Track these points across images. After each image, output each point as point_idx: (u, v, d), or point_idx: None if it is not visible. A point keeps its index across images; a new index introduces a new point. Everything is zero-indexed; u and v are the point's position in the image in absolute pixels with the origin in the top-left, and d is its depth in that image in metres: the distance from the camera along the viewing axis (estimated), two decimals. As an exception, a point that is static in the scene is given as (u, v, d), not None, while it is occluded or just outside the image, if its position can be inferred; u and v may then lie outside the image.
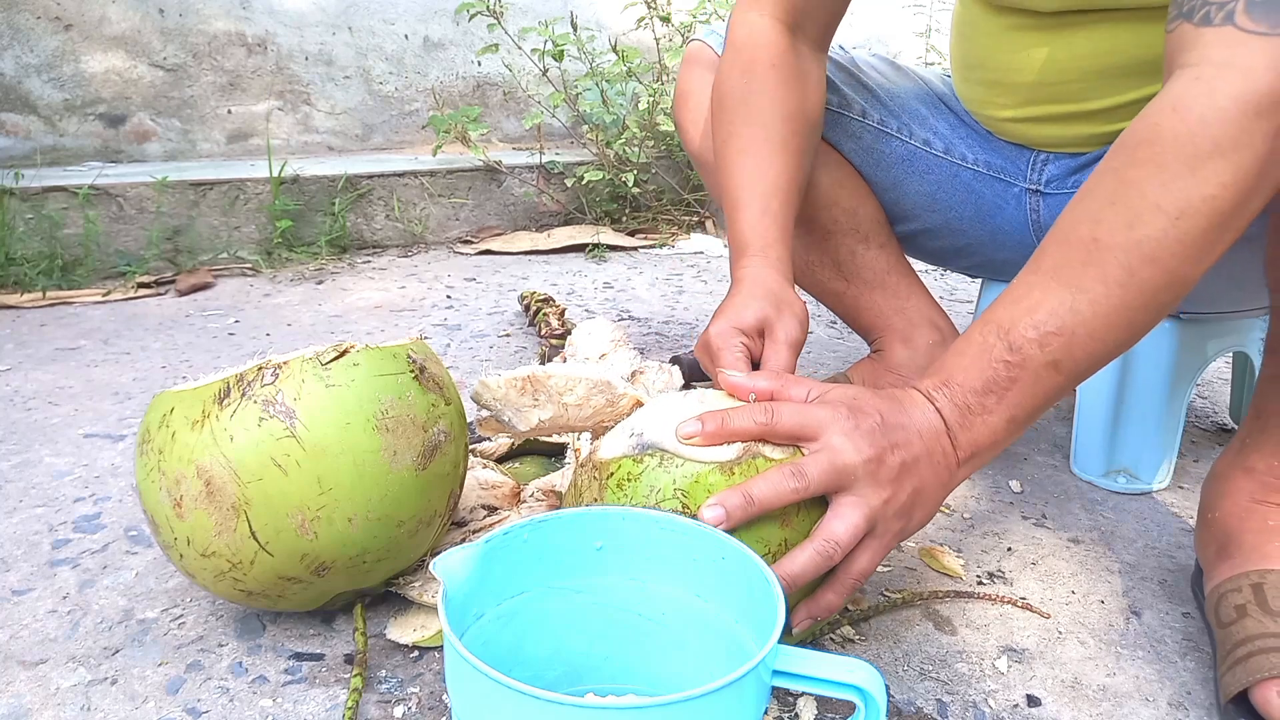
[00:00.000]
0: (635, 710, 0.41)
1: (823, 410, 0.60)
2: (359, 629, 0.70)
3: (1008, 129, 0.99)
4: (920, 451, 0.60)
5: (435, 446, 0.68)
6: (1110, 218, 0.58)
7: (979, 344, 0.61)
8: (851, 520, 0.59)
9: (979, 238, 1.05)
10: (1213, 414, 1.24)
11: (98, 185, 1.79)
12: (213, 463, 0.62)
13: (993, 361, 0.60)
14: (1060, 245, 0.61)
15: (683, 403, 0.64)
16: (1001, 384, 0.60)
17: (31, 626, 0.73)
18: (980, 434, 0.61)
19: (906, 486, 0.60)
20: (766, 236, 0.82)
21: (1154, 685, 0.70)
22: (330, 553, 0.65)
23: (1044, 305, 0.59)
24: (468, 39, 2.49)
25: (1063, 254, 0.60)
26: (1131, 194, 0.58)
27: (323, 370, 0.65)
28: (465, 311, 1.63)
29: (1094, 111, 0.90)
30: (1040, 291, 0.60)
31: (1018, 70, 0.92)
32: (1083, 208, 0.60)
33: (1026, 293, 0.61)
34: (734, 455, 0.59)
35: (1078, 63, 0.87)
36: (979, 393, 0.60)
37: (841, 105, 1.02)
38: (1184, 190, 0.56)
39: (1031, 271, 0.62)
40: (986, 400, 0.60)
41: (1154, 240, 0.57)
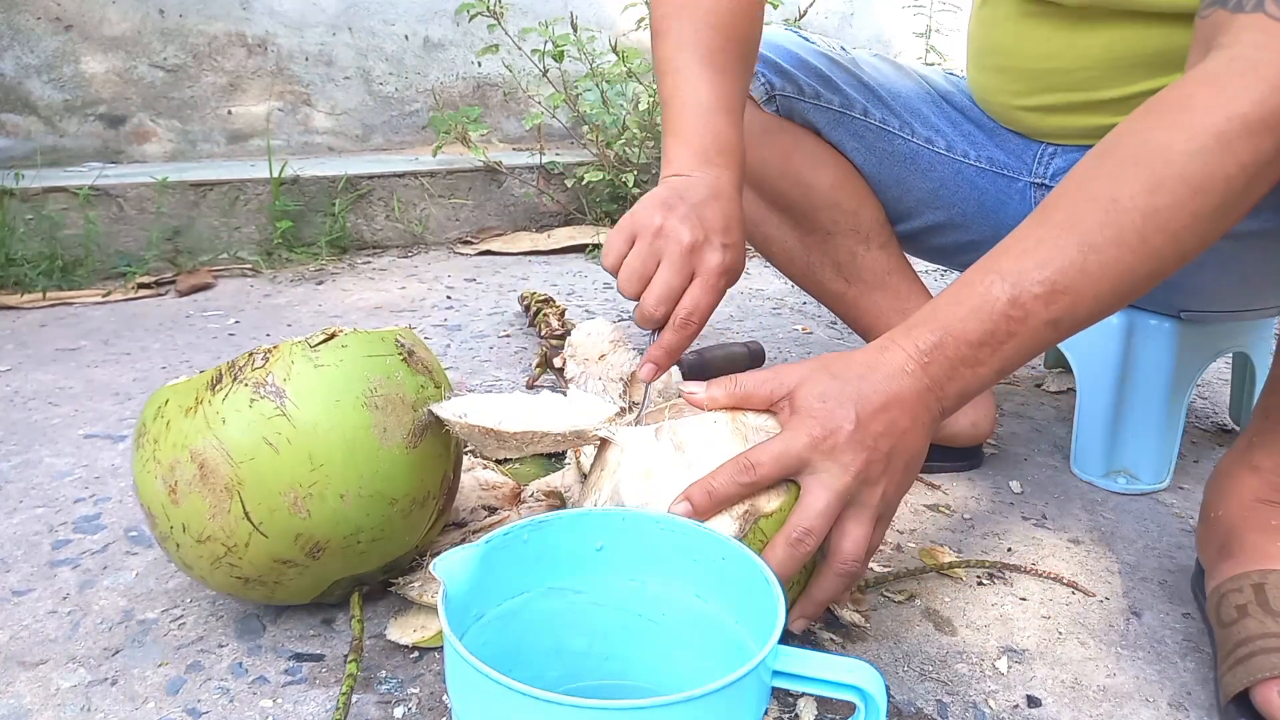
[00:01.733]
0: (635, 710, 0.41)
1: (797, 435, 0.58)
2: (355, 616, 0.70)
3: (1018, 118, 0.99)
4: (896, 414, 0.58)
5: (425, 426, 0.69)
6: (1132, 179, 0.57)
7: (980, 294, 0.58)
8: (818, 499, 0.57)
9: (982, 234, 1.05)
10: (1213, 414, 1.24)
11: (98, 186, 1.79)
12: (206, 445, 0.63)
13: (993, 314, 0.58)
14: (1075, 200, 0.59)
15: (656, 454, 0.61)
16: (999, 337, 0.58)
17: (31, 627, 0.73)
18: (968, 384, 0.60)
19: (876, 459, 0.58)
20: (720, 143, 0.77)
21: (1154, 686, 0.70)
22: (324, 531, 0.65)
23: (1054, 261, 0.57)
24: (468, 39, 2.49)
25: (1077, 209, 0.58)
26: (1157, 158, 0.56)
27: (311, 352, 0.66)
28: (465, 312, 1.63)
29: (1107, 101, 0.90)
30: (1050, 246, 0.58)
31: (1032, 57, 0.92)
32: (1103, 166, 0.59)
33: (1035, 246, 0.58)
34: (735, 529, 0.57)
35: (1093, 51, 0.88)
36: (974, 345, 0.59)
37: (844, 105, 1.02)
38: (1208, 164, 0.55)
39: (1040, 223, 0.59)
40: (980, 353, 0.59)
41: (1171, 209, 0.56)
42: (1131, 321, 0.97)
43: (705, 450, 0.60)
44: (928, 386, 0.59)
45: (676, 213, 0.71)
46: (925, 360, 0.59)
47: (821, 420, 0.57)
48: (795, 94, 1.01)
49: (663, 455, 0.61)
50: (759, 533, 0.58)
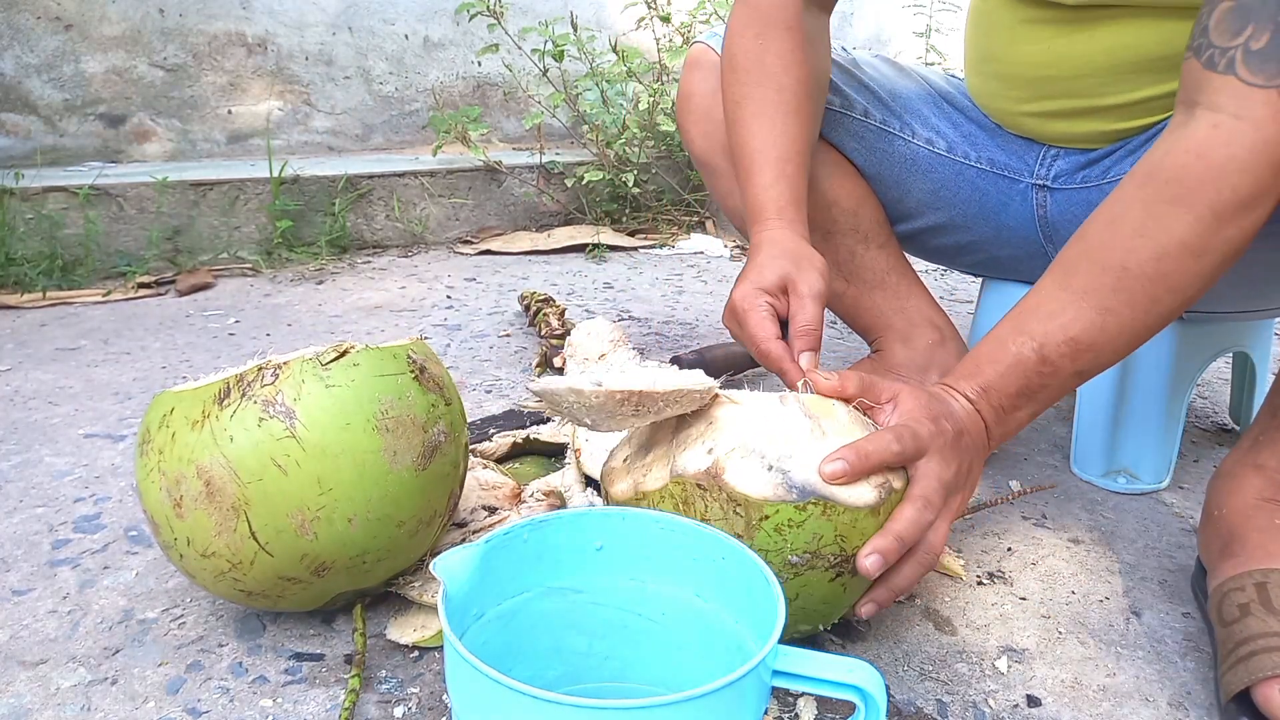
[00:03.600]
0: (635, 710, 0.41)
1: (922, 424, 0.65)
2: (358, 629, 0.70)
3: (1019, 123, 0.99)
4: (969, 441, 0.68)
5: (435, 446, 0.68)
6: (1140, 250, 0.65)
7: (1014, 355, 0.68)
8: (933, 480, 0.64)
9: (983, 235, 1.05)
10: (1213, 414, 1.24)
11: (98, 185, 1.79)
12: (213, 463, 0.62)
13: (1028, 372, 0.68)
14: (1091, 267, 0.67)
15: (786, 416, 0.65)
16: (1033, 389, 0.69)
17: (31, 626, 0.73)
18: (1009, 428, 0.71)
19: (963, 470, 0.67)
20: (782, 199, 0.85)
21: (1154, 685, 0.70)
22: (330, 553, 0.65)
23: (1076, 324, 0.67)
24: (468, 39, 2.49)
25: (1094, 277, 0.67)
26: (1160, 231, 0.64)
27: (322, 371, 0.65)
28: (465, 312, 1.63)
29: (1107, 107, 0.90)
30: (1073, 311, 0.67)
31: (1032, 64, 0.92)
32: (1113, 233, 0.66)
33: (1060, 309, 0.68)
34: (875, 497, 0.61)
35: (1093, 57, 0.87)
36: (1013, 396, 0.69)
37: (844, 106, 1.02)
38: (1208, 234, 0.63)
39: (1062, 288, 0.68)
40: (1019, 402, 0.69)
41: (1178, 274, 0.64)
42: (1131, 321, 0.97)
43: (834, 424, 0.65)
44: (982, 425, 0.69)
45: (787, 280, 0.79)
46: (978, 406, 0.69)
47: (934, 421, 0.65)
48: None
49: (796, 420, 0.64)
50: (889, 505, 0.62)
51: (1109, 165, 0.93)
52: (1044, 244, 1.01)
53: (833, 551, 0.61)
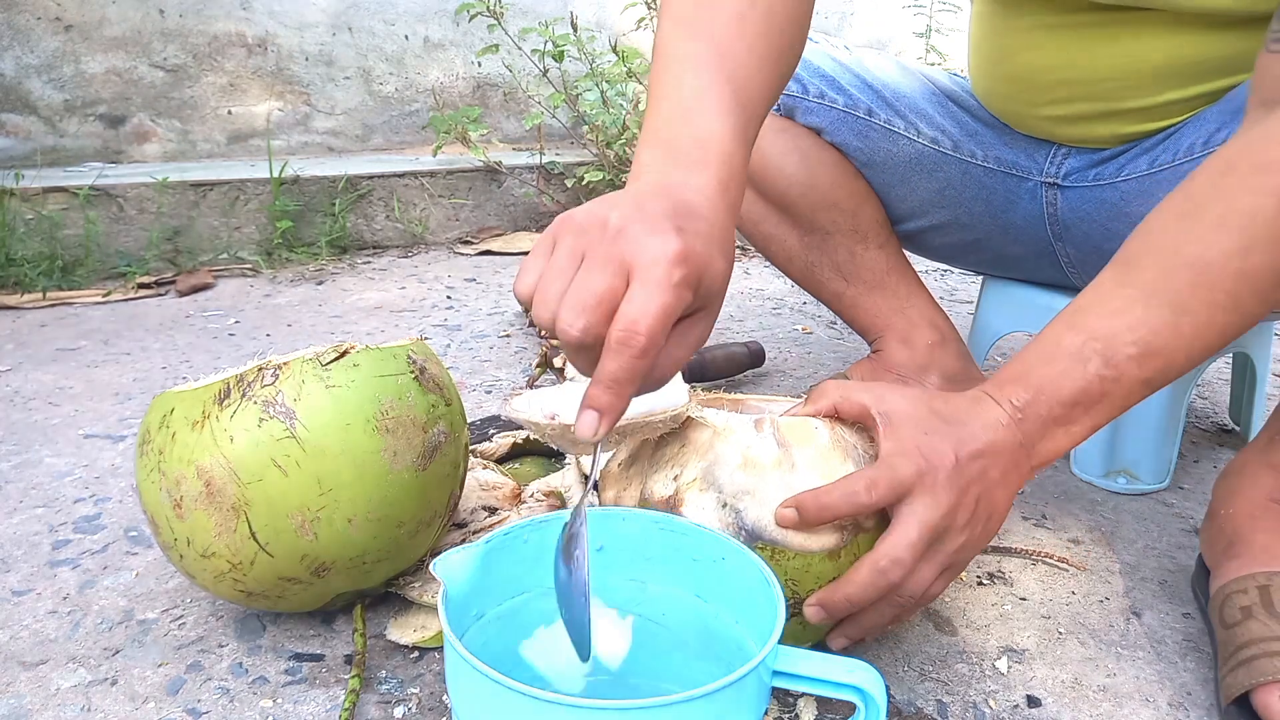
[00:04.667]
0: (635, 710, 0.41)
1: (905, 465, 0.57)
2: (358, 630, 0.70)
3: (1032, 125, 0.98)
4: (989, 464, 0.58)
5: (435, 447, 0.68)
6: (1222, 242, 0.57)
7: (1072, 354, 0.59)
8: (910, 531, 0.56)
9: (989, 233, 1.05)
10: (1213, 414, 1.24)
11: (98, 186, 1.79)
12: (213, 463, 0.62)
13: (1087, 375, 0.58)
14: (1161, 262, 0.59)
15: (756, 445, 0.61)
16: (1093, 398, 0.59)
17: (32, 627, 0.73)
18: (1060, 444, 0.60)
19: (966, 504, 0.58)
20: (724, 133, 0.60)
21: (1154, 686, 0.70)
22: (330, 553, 0.65)
23: (1147, 324, 0.58)
24: (468, 39, 2.49)
25: (1166, 274, 0.58)
26: (1246, 221, 0.56)
27: (323, 371, 0.65)
28: (465, 312, 1.63)
29: (1128, 111, 0.88)
30: (1143, 309, 0.58)
31: (1050, 68, 0.90)
32: (1186, 228, 0.58)
33: (1127, 307, 0.59)
34: (834, 541, 0.59)
35: (1115, 62, 0.86)
36: (1066, 405, 0.59)
37: (848, 105, 1.02)
38: None
39: (1127, 284, 0.59)
40: (1074, 412, 0.59)
41: (1262, 271, 0.56)
42: (1131, 321, 0.97)
43: (808, 453, 0.61)
44: (1020, 443, 0.59)
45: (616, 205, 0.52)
46: (1019, 417, 0.59)
47: (925, 454, 0.57)
48: (799, 93, 1.01)
49: (766, 449, 0.61)
50: (856, 547, 0.59)
51: (1123, 163, 0.92)
52: (1052, 242, 1.01)
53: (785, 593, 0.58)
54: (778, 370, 1.34)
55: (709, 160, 0.58)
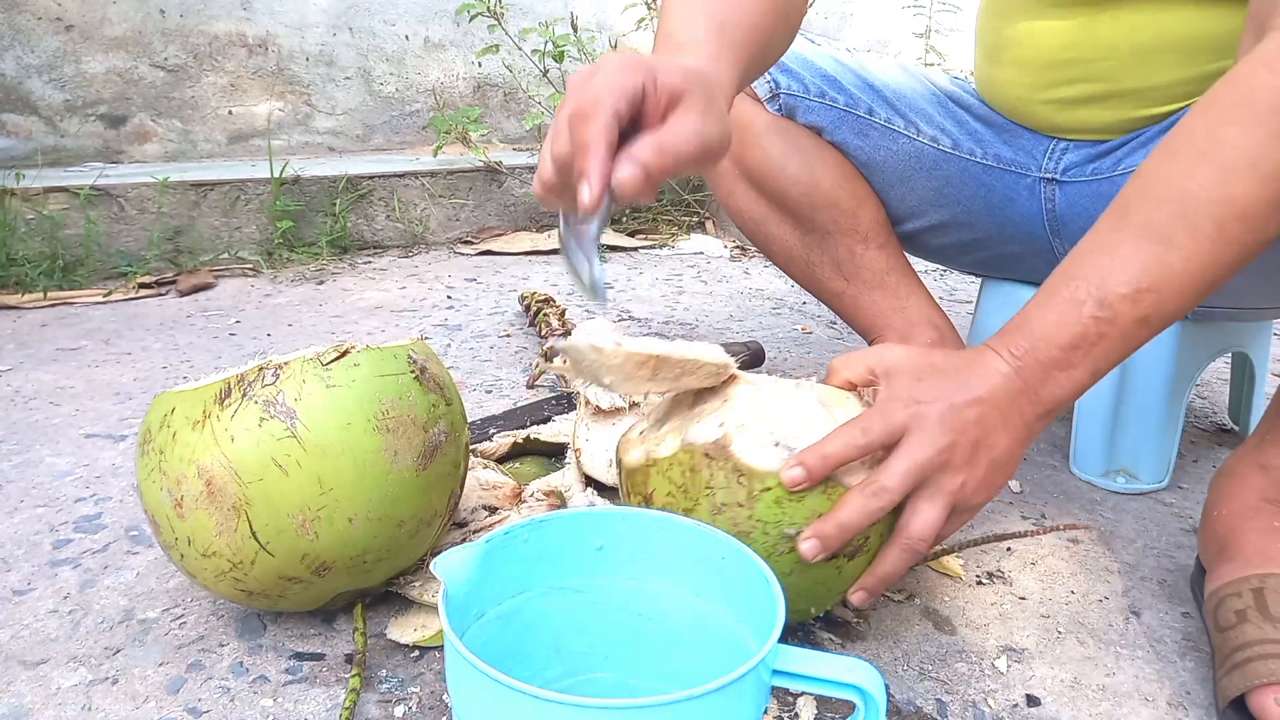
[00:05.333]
0: (635, 710, 0.41)
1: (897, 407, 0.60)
2: (359, 629, 0.70)
3: (1034, 112, 0.98)
4: (988, 410, 0.60)
5: (436, 446, 0.68)
6: (1203, 173, 0.57)
7: (1066, 298, 0.60)
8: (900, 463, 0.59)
9: (988, 232, 1.05)
10: (1212, 414, 1.24)
11: (99, 186, 1.79)
12: (213, 463, 0.63)
13: (1082, 318, 0.59)
14: (1148, 199, 0.60)
15: (799, 399, 0.65)
16: (1090, 340, 0.60)
17: (32, 626, 0.73)
18: (1064, 388, 0.61)
19: (962, 445, 0.59)
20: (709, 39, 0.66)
21: (1153, 685, 0.70)
22: (331, 553, 0.65)
23: (1135, 260, 0.59)
24: (468, 40, 2.49)
25: (1152, 208, 0.59)
26: (1226, 150, 0.57)
27: (323, 371, 0.65)
28: (466, 312, 1.63)
29: (1127, 92, 0.89)
30: (1131, 246, 0.59)
31: (1052, 48, 0.92)
32: (1171, 164, 0.59)
33: (1115, 247, 0.60)
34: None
35: (1116, 40, 0.87)
36: (1065, 348, 0.60)
37: (849, 104, 1.02)
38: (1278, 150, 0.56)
39: (1116, 228, 0.61)
40: (1072, 356, 0.60)
41: (1246, 197, 0.57)
42: (1131, 321, 0.97)
43: (847, 413, 0.64)
44: (1021, 389, 0.60)
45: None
46: (1019, 364, 0.60)
47: (917, 397, 0.60)
48: (801, 92, 1.01)
49: (807, 403, 0.64)
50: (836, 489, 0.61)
51: (1121, 156, 0.92)
52: (1050, 239, 1.01)
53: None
54: (778, 370, 1.35)
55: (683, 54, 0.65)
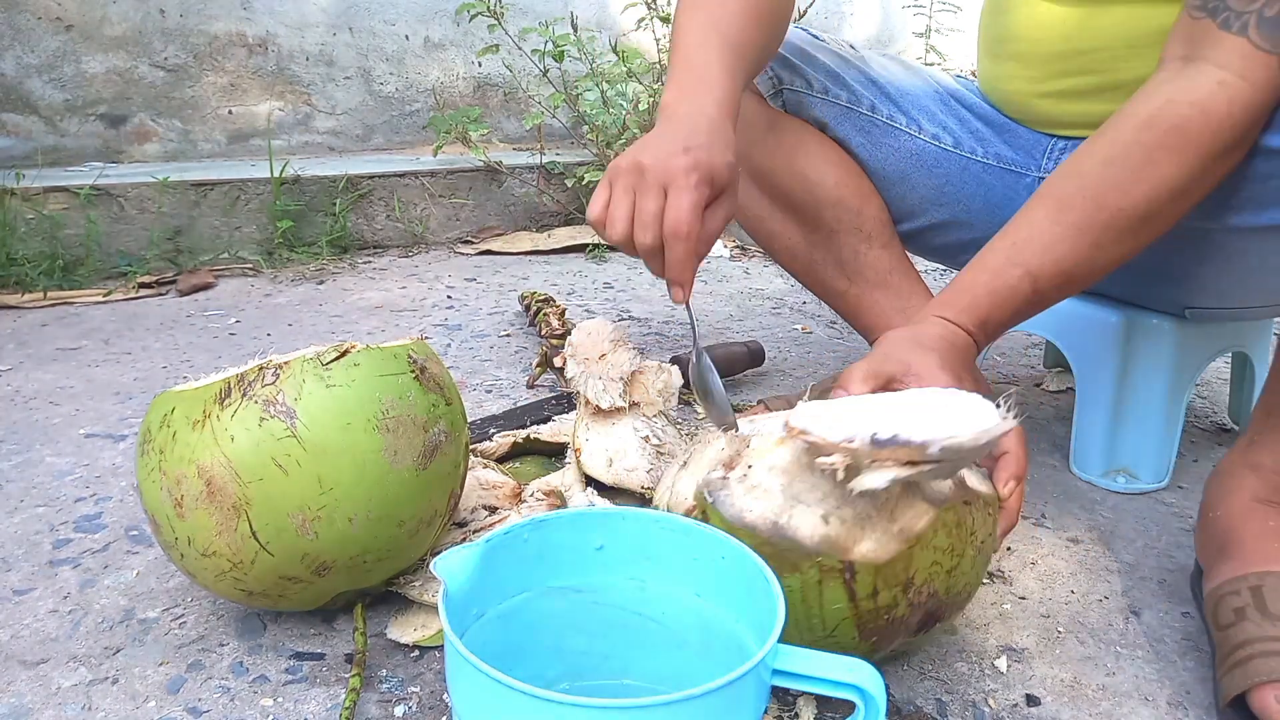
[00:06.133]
0: (635, 709, 0.41)
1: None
2: (359, 629, 0.70)
3: (1034, 106, 0.99)
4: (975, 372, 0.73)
5: (435, 446, 0.68)
6: (1135, 192, 0.70)
7: (1012, 288, 0.72)
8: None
9: (988, 231, 1.05)
10: (1212, 414, 1.24)
11: (99, 185, 1.79)
12: (213, 462, 0.62)
13: (1020, 301, 0.73)
14: (1087, 205, 0.71)
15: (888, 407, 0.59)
16: (1021, 315, 0.74)
17: (32, 626, 0.73)
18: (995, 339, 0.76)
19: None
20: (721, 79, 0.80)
21: (1153, 685, 0.70)
22: (331, 552, 0.65)
23: (1070, 257, 0.72)
24: (468, 40, 2.49)
25: (1090, 215, 0.71)
26: (1156, 176, 0.69)
27: (323, 370, 0.65)
28: (466, 312, 1.63)
29: (1125, 83, 0.89)
30: (1068, 246, 0.72)
31: (1049, 40, 0.94)
32: (1111, 174, 0.71)
33: (1055, 243, 0.72)
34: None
35: (1113, 30, 0.89)
36: (1004, 322, 0.74)
37: (851, 100, 1.02)
38: (1195, 181, 0.70)
39: (1056, 222, 0.72)
40: (1007, 326, 0.75)
41: (1163, 215, 0.71)
42: (1131, 321, 0.98)
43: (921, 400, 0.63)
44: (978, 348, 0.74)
45: (646, 147, 0.73)
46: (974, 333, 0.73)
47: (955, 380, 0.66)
48: (804, 89, 1.01)
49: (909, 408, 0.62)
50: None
51: None
52: None
53: None
54: (778, 370, 1.35)
55: (709, 89, 0.79)
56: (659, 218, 0.71)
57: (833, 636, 0.59)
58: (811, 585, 0.57)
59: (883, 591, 0.58)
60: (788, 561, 0.57)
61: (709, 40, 0.82)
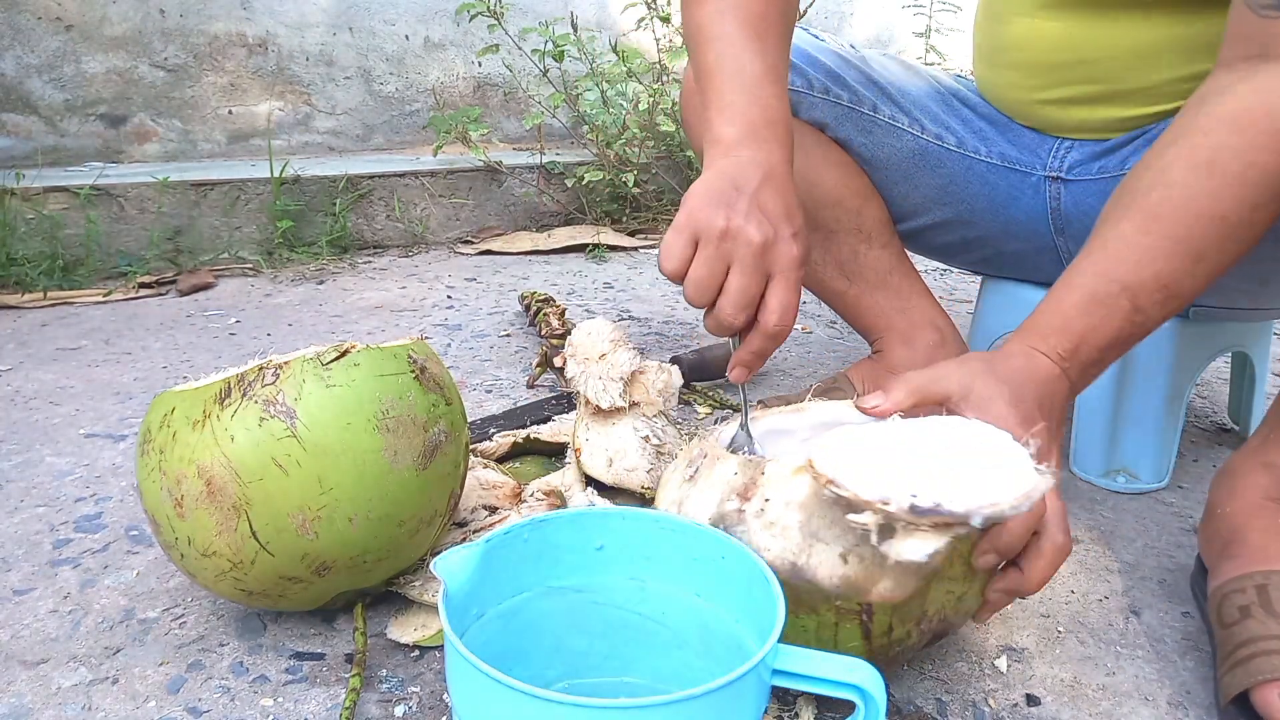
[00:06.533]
0: (635, 710, 0.41)
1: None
2: (359, 628, 0.70)
3: (1035, 112, 0.98)
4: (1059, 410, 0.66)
5: (435, 446, 0.68)
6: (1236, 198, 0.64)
7: (1108, 306, 0.66)
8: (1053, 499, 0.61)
9: (991, 230, 1.05)
10: (1212, 414, 1.24)
11: (99, 185, 1.79)
12: (214, 462, 0.62)
13: (1121, 322, 0.66)
14: (1183, 215, 0.65)
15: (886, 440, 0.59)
16: (1124, 339, 0.67)
17: (32, 626, 0.73)
18: (1093, 379, 0.69)
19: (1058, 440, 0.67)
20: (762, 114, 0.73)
21: (1153, 685, 0.70)
22: (331, 552, 0.65)
23: (1169, 271, 0.66)
24: (468, 39, 2.49)
25: (1188, 226, 0.65)
26: (1255, 178, 0.63)
27: (323, 370, 0.65)
28: (466, 312, 1.63)
29: (1129, 91, 0.89)
30: (1165, 260, 0.65)
31: (1051, 50, 0.92)
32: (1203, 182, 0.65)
33: (1152, 259, 0.66)
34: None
35: (1115, 41, 0.87)
36: (1103, 349, 0.67)
37: (853, 100, 1.02)
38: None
39: (1150, 233, 0.66)
40: (1107, 354, 0.68)
41: (1267, 220, 0.65)
42: (1131, 321, 0.97)
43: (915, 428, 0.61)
44: (1070, 387, 0.67)
45: (739, 209, 0.67)
46: (1066, 365, 0.66)
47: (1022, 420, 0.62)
48: (804, 89, 1.01)
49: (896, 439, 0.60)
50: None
51: (1126, 155, 0.92)
52: (1054, 237, 1.01)
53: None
54: (778, 370, 1.35)
55: (780, 137, 0.73)
56: (755, 301, 0.67)
57: None
58: (828, 626, 0.57)
59: (897, 628, 0.57)
60: (805, 604, 0.56)
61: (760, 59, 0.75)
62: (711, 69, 0.75)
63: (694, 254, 0.66)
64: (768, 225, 0.67)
